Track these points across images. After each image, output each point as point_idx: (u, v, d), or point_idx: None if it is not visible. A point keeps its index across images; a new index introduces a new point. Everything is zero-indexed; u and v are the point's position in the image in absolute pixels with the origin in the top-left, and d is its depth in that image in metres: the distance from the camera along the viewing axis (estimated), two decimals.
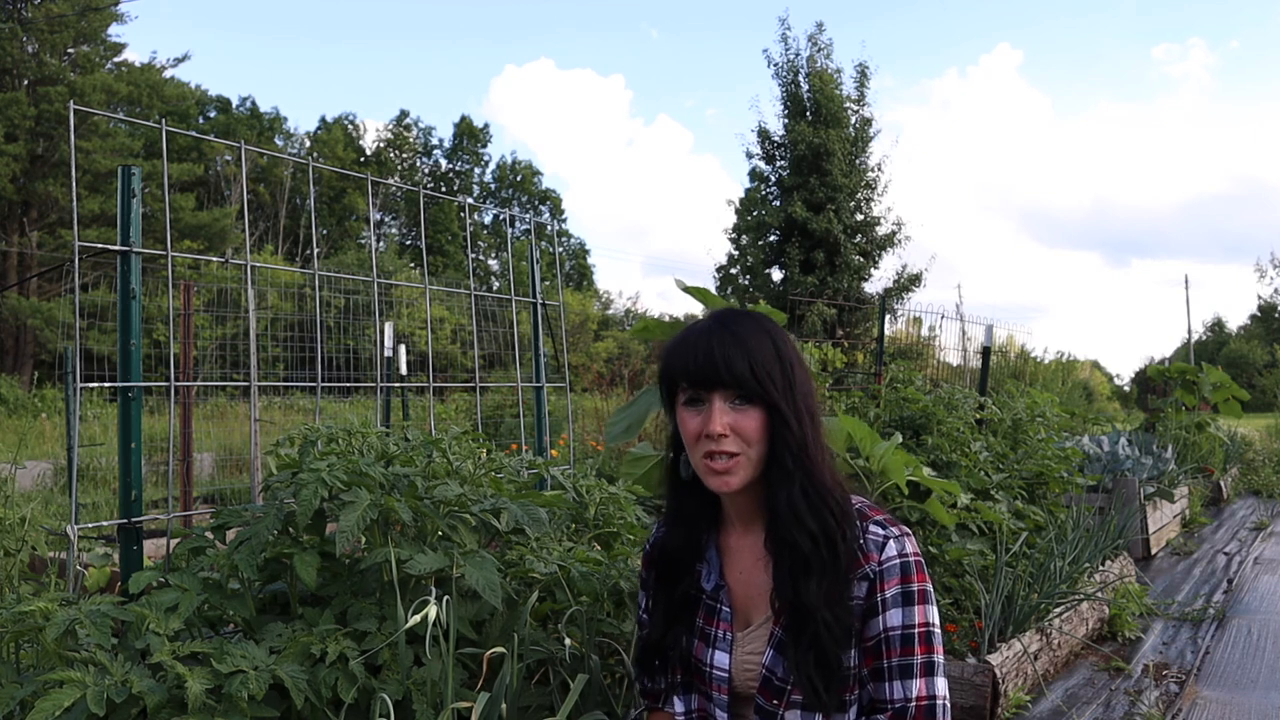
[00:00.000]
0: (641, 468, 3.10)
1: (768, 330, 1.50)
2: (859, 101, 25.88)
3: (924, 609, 1.43)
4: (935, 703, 1.41)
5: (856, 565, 1.44)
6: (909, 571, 1.44)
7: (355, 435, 2.18)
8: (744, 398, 1.45)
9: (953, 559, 3.40)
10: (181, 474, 5.83)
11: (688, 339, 1.50)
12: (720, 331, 1.47)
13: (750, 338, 1.46)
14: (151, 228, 27.02)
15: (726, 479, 1.46)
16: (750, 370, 1.43)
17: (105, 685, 1.51)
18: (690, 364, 1.47)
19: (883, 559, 1.44)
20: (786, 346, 1.50)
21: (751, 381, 1.43)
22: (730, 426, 1.44)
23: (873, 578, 1.43)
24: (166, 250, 2.28)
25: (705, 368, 1.45)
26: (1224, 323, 65.68)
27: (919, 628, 1.42)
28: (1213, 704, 3.18)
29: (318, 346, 2.74)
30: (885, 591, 1.43)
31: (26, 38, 32.10)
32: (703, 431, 1.45)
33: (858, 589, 1.44)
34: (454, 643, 1.68)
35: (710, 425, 1.44)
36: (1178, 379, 10.20)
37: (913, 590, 1.43)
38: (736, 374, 1.43)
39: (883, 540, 1.45)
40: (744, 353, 1.44)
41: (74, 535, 2.10)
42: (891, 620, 1.42)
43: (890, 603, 1.42)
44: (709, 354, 1.45)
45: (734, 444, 1.44)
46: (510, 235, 5.32)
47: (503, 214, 37.42)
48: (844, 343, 9.60)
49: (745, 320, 1.51)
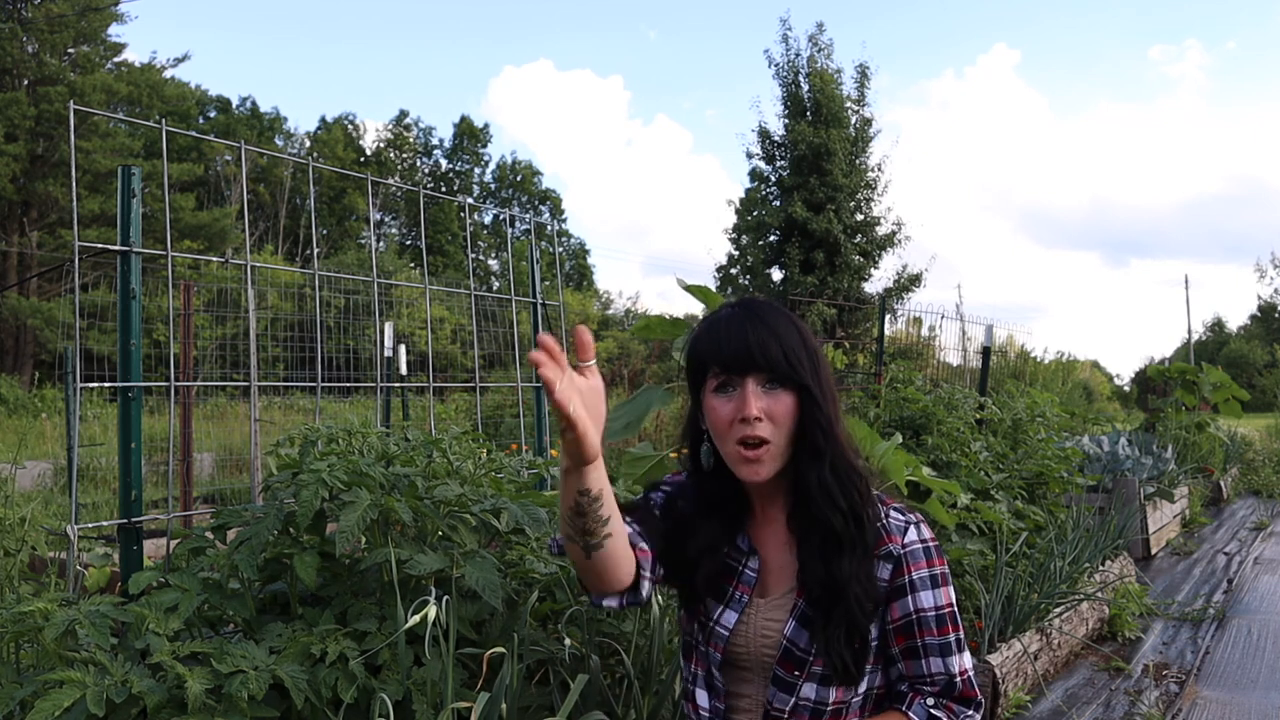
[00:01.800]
0: (640, 468, 3.09)
1: (789, 316, 1.55)
2: (859, 102, 25.90)
3: (948, 590, 1.52)
4: (970, 675, 1.51)
5: (880, 544, 1.50)
6: (931, 556, 1.52)
7: (355, 435, 2.18)
8: (776, 381, 1.48)
9: (953, 559, 3.39)
10: (181, 474, 5.83)
11: (717, 325, 1.53)
12: (750, 317, 1.51)
13: (778, 323, 1.51)
14: (151, 228, 27.01)
15: (757, 469, 1.49)
16: (783, 354, 1.47)
17: (105, 685, 1.51)
18: (723, 349, 1.49)
19: (906, 542, 1.51)
20: (807, 332, 1.55)
21: (784, 365, 1.47)
22: (764, 410, 1.47)
23: (898, 558, 1.50)
24: (166, 250, 2.28)
25: (739, 352, 1.48)
26: (1224, 323, 65.74)
27: (947, 609, 1.50)
28: (1213, 704, 3.18)
29: (318, 346, 2.74)
30: (913, 574, 1.50)
31: (26, 38, 32.10)
32: (737, 416, 1.48)
33: (881, 569, 1.50)
34: (454, 643, 1.68)
35: (746, 409, 1.47)
36: (1178, 379, 10.20)
37: (938, 574, 1.51)
38: (771, 357, 1.47)
39: (904, 525, 1.52)
40: (775, 337, 1.48)
41: (74, 535, 2.10)
42: (924, 602, 1.49)
43: (919, 584, 1.49)
44: (743, 339, 1.48)
45: (766, 428, 1.48)
46: (510, 235, 5.32)
47: (503, 214, 37.43)
48: (844, 343, 9.59)
49: (770, 307, 1.55)
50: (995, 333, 7.00)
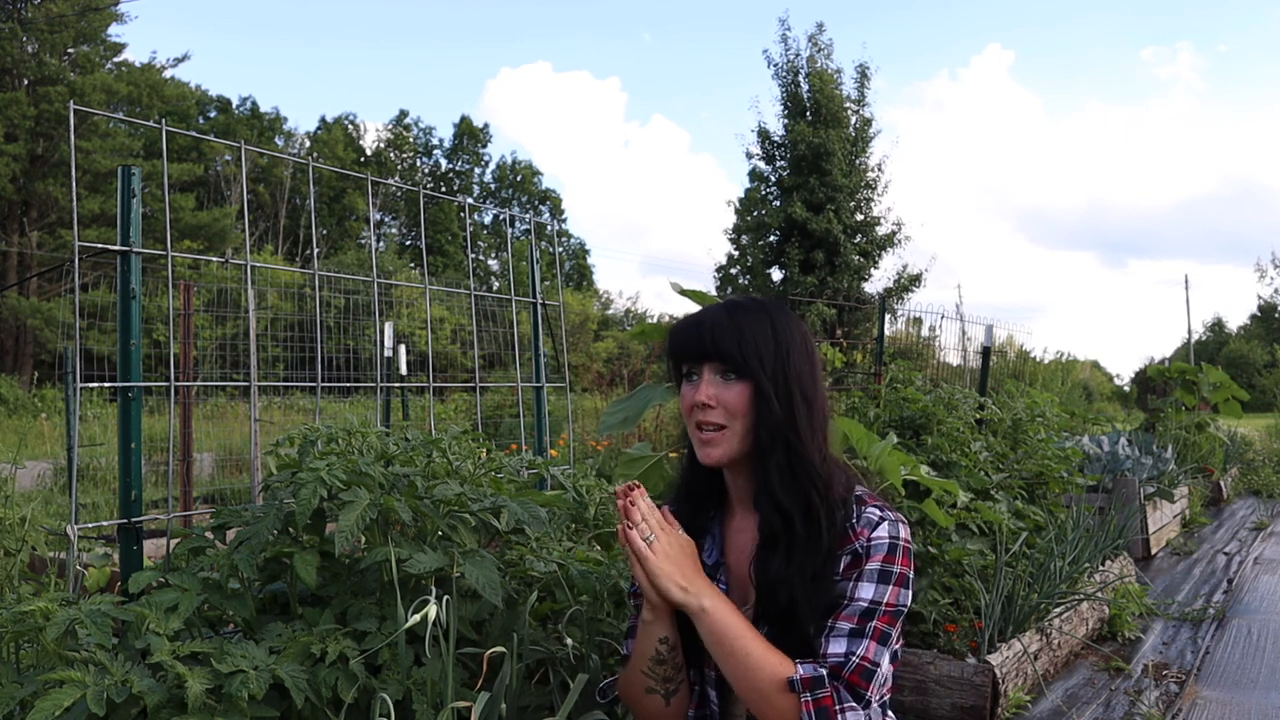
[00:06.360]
0: (638, 468, 3.08)
1: (769, 313, 1.56)
2: (859, 102, 25.89)
3: (898, 591, 1.46)
4: (877, 670, 1.42)
5: (846, 542, 1.49)
6: (894, 552, 1.48)
7: (355, 435, 2.18)
8: (731, 371, 1.53)
9: (953, 559, 3.39)
10: (181, 474, 5.83)
11: (689, 319, 1.60)
12: (721, 311, 1.56)
13: (745, 317, 1.54)
14: (151, 228, 27.03)
15: (710, 450, 1.54)
16: (738, 346, 1.51)
17: (105, 685, 1.51)
18: (683, 338, 1.57)
19: (872, 536, 1.48)
20: (787, 330, 1.55)
21: (737, 356, 1.51)
22: (715, 398, 1.52)
23: (860, 553, 1.48)
24: (166, 250, 2.28)
25: (694, 340, 1.55)
26: (1224, 323, 65.67)
27: (886, 605, 1.45)
28: (1213, 704, 3.18)
29: (318, 346, 2.73)
30: (866, 565, 1.47)
31: (26, 38, 32.09)
32: (694, 401, 1.54)
33: (840, 562, 1.48)
34: (454, 642, 1.68)
35: (697, 395, 1.53)
36: (1177, 379, 10.19)
37: (893, 571, 1.46)
38: (722, 349, 1.51)
39: (877, 521, 1.50)
40: (734, 330, 1.52)
41: (74, 535, 2.10)
42: (862, 592, 1.45)
43: (867, 575, 1.46)
44: (699, 328, 1.55)
45: (720, 415, 1.52)
46: (510, 235, 5.31)
47: (503, 214, 37.42)
48: (843, 343, 9.59)
49: (748, 304, 1.58)
50: (995, 333, 7.00)
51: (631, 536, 1.48)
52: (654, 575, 1.46)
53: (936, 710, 2.85)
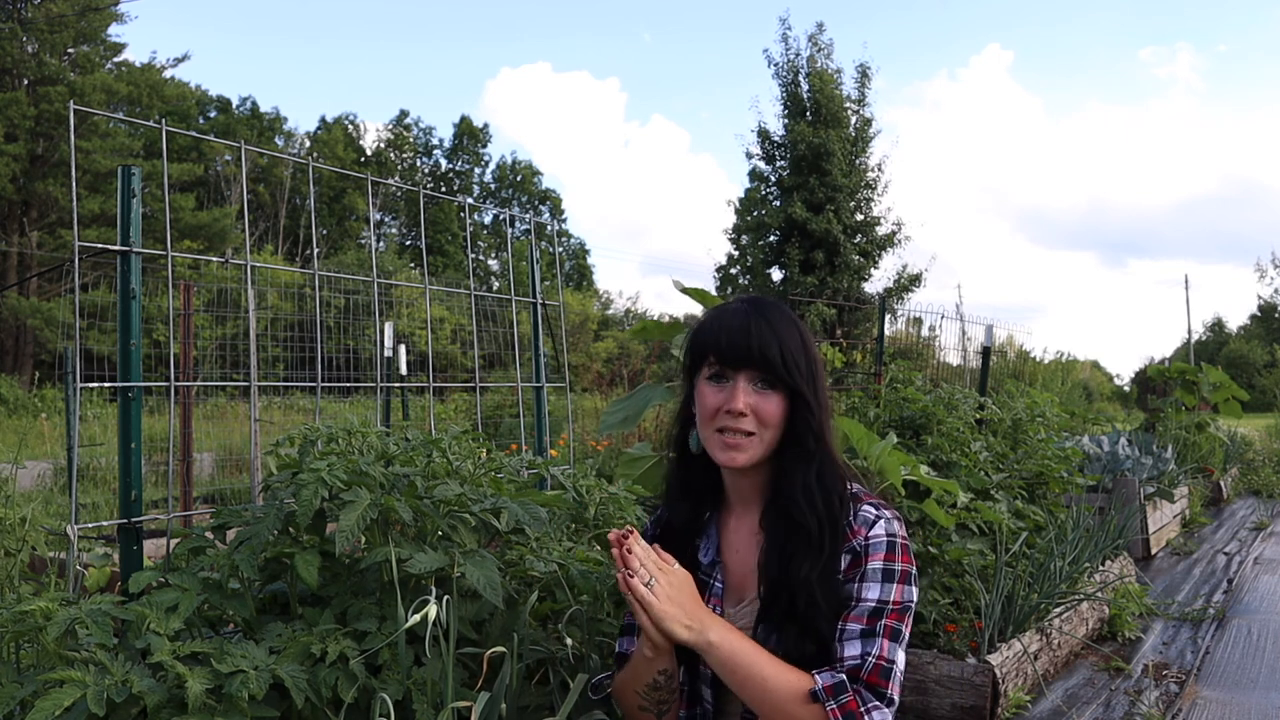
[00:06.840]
0: (638, 468, 3.08)
1: (794, 320, 1.56)
2: (859, 102, 25.89)
3: (903, 588, 1.48)
4: (893, 666, 1.44)
5: (846, 540, 1.50)
6: (894, 550, 1.49)
7: (355, 435, 2.18)
8: (768, 381, 1.51)
9: (953, 559, 3.39)
10: (181, 474, 5.83)
11: (723, 317, 1.55)
12: (755, 315, 1.53)
13: (781, 325, 1.53)
14: (151, 228, 27.03)
15: (734, 455, 1.52)
16: (780, 356, 1.49)
17: (105, 685, 1.51)
18: (724, 341, 1.52)
19: (870, 535, 1.49)
20: (809, 337, 1.56)
21: (780, 367, 1.49)
22: (751, 407, 1.50)
23: (859, 551, 1.49)
24: (166, 250, 2.27)
25: (739, 347, 1.51)
26: (1224, 323, 65.68)
27: (893, 604, 1.46)
28: (1213, 704, 3.18)
29: (318, 346, 2.73)
30: (868, 564, 1.48)
31: (26, 38, 32.08)
32: (722, 407, 1.51)
33: (842, 561, 1.50)
34: (454, 642, 1.68)
35: (733, 403, 1.50)
36: (1177, 379, 10.19)
37: (895, 569, 1.48)
38: (768, 358, 1.49)
39: (873, 519, 1.51)
40: (776, 338, 1.50)
41: (74, 535, 2.10)
42: (869, 593, 1.46)
43: (870, 575, 1.47)
44: (745, 334, 1.51)
45: (751, 424, 1.50)
46: (510, 235, 5.32)
47: (503, 214, 37.43)
48: (843, 343, 9.59)
49: (776, 308, 1.57)
50: (995, 333, 7.01)
51: (634, 585, 1.46)
52: (660, 620, 1.45)
53: (936, 710, 2.85)
